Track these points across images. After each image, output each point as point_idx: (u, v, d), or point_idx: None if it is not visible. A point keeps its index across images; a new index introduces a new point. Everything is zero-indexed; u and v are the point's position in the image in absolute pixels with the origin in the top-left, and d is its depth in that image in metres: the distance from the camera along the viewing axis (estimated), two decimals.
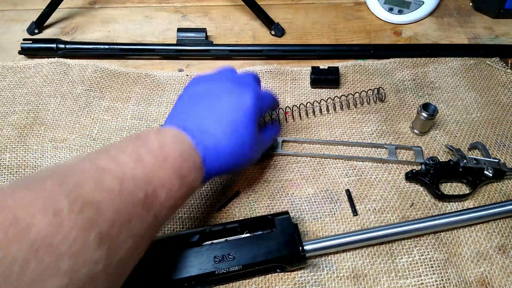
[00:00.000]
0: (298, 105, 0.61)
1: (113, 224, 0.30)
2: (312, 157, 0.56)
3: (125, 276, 0.33)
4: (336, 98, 0.62)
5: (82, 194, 0.29)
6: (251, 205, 0.51)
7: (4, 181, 0.53)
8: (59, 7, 0.74)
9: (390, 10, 0.77)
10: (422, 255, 0.47)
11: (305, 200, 0.52)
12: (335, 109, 0.62)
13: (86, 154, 0.35)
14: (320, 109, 0.62)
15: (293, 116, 0.61)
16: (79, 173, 0.31)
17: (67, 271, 0.26)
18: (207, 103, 0.44)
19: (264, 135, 0.51)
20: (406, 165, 0.55)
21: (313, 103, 0.61)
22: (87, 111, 0.61)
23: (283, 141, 0.57)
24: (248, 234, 0.45)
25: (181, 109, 0.45)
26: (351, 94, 0.62)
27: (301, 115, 0.61)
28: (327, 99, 0.62)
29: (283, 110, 0.61)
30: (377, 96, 0.63)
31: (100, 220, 0.29)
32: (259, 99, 0.46)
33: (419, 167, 0.54)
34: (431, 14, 0.78)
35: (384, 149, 0.57)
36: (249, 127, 0.44)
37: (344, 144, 0.58)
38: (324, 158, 0.56)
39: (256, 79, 0.50)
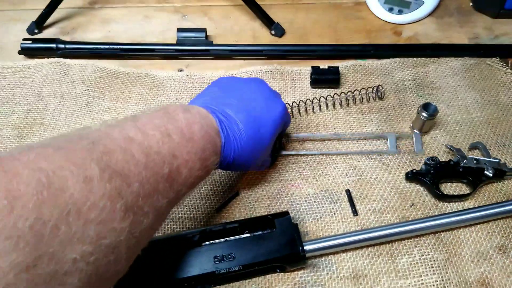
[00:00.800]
0: (297, 102, 0.61)
1: (138, 196, 0.30)
2: (313, 155, 0.56)
3: (140, 249, 0.33)
4: (335, 95, 0.62)
5: (111, 163, 0.30)
6: (251, 205, 0.51)
7: None
8: (59, 7, 0.74)
9: (390, 10, 0.77)
10: (422, 255, 0.47)
11: (305, 200, 0.52)
12: (334, 107, 0.62)
13: (115, 120, 0.35)
14: (320, 107, 0.62)
15: (292, 114, 0.61)
16: (109, 140, 0.31)
17: (93, 238, 0.26)
18: (240, 95, 0.45)
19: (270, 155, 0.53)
20: (406, 157, 0.55)
21: (313, 100, 0.61)
22: (87, 111, 0.61)
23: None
24: (248, 234, 0.45)
25: (212, 94, 0.46)
26: (350, 91, 0.62)
27: (301, 112, 0.61)
28: (327, 96, 0.62)
29: None
30: (376, 94, 0.63)
31: (127, 191, 0.30)
32: (286, 115, 0.49)
33: (419, 167, 0.54)
34: (431, 14, 0.78)
35: (384, 144, 0.57)
36: (271, 132, 0.45)
37: (344, 138, 0.58)
38: (325, 155, 0.56)
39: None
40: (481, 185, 0.52)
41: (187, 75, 0.67)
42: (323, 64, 0.66)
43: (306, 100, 0.61)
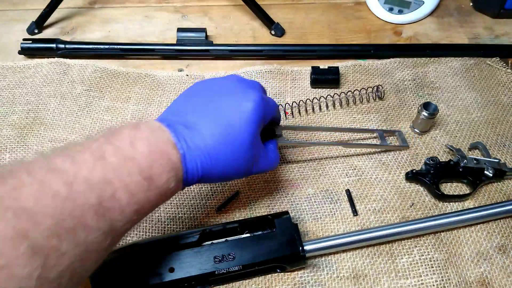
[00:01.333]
0: (297, 102, 0.61)
1: (52, 234, 0.27)
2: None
3: None
4: (335, 95, 0.62)
5: (20, 199, 0.26)
6: (251, 205, 0.51)
7: None
8: (59, 7, 0.74)
9: (390, 10, 0.77)
10: (422, 255, 0.47)
11: (305, 200, 0.52)
12: (334, 107, 0.62)
13: (52, 149, 0.32)
14: (320, 107, 0.62)
15: (292, 114, 0.61)
16: (25, 174, 0.28)
17: None
18: (204, 100, 0.41)
19: (271, 150, 0.46)
20: (406, 157, 0.55)
21: (313, 100, 0.61)
22: (87, 111, 0.61)
23: (282, 129, 0.51)
24: (248, 234, 0.45)
25: (175, 105, 0.42)
26: (350, 91, 0.62)
27: (301, 112, 0.61)
28: (327, 96, 0.62)
29: (282, 106, 0.61)
30: (376, 94, 0.63)
31: (35, 230, 0.26)
32: (263, 104, 0.41)
33: (419, 167, 0.54)
34: (431, 14, 0.78)
35: (376, 139, 0.58)
36: (247, 131, 0.39)
37: (335, 130, 0.59)
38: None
39: (262, 87, 0.46)
40: (481, 185, 0.52)
41: (187, 75, 0.67)
42: (323, 64, 0.66)
43: (306, 100, 0.61)
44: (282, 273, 0.45)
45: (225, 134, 0.38)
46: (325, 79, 0.64)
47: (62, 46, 0.68)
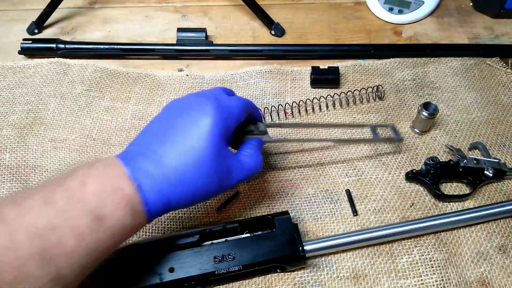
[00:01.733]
0: (297, 102, 0.61)
1: None
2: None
3: None
4: (335, 95, 0.62)
5: None
6: (251, 205, 0.51)
7: (4, 181, 0.53)
8: (59, 7, 0.74)
9: (390, 10, 0.77)
10: (422, 255, 0.47)
11: (305, 200, 0.52)
12: (334, 107, 0.62)
13: (6, 196, 0.31)
14: (320, 107, 0.62)
15: (292, 114, 0.61)
16: None
17: None
18: (165, 125, 0.39)
19: (246, 156, 0.43)
20: (406, 157, 0.55)
21: (313, 100, 0.61)
22: (87, 111, 0.61)
23: (267, 126, 0.48)
24: (248, 234, 0.45)
25: (140, 135, 0.40)
26: (350, 91, 0.62)
27: (301, 112, 0.61)
28: (327, 96, 0.62)
29: (282, 107, 0.61)
30: (376, 94, 0.63)
31: None
32: (222, 112, 0.39)
33: (419, 167, 0.54)
34: (431, 14, 0.78)
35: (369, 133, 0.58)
36: (208, 148, 0.37)
37: (326, 126, 0.60)
38: (306, 142, 0.58)
39: (225, 90, 0.44)
40: (481, 185, 0.52)
41: (187, 75, 0.67)
42: (323, 64, 0.66)
43: (306, 100, 0.61)
44: (282, 273, 0.45)
45: (185, 156, 0.37)
46: (325, 79, 0.64)
47: (62, 46, 0.68)
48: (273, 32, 0.75)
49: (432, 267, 0.46)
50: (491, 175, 0.52)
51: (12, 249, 0.27)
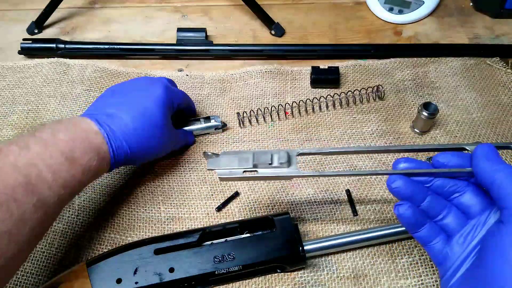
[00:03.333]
0: (297, 102, 0.61)
1: None
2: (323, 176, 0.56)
3: (12, 256, 0.34)
4: (335, 95, 0.62)
5: None
6: (251, 205, 0.51)
7: None
8: (59, 7, 0.74)
9: (390, 10, 0.77)
10: (422, 255, 0.46)
11: (305, 200, 0.52)
12: (334, 107, 0.62)
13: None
14: (320, 107, 0.62)
15: (292, 114, 0.61)
16: None
17: None
18: (119, 96, 0.49)
19: (180, 132, 0.56)
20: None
21: (313, 100, 0.61)
22: None
23: (299, 154, 0.42)
24: (248, 234, 0.45)
25: (93, 105, 0.49)
26: (350, 91, 0.62)
27: (301, 112, 0.61)
28: (327, 96, 0.62)
29: (282, 106, 0.61)
30: (376, 94, 0.63)
31: None
32: (169, 91, 0.51)
33: None
34: (431, 14, 0.78)
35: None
36: (158, 113, 0.48)
37: (353, 152, 0.47)
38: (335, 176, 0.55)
39: (169, 81, 0.55)
40: None
41: (187, 75, 0.67)
42: (323, 64, 0.66)
43: (306, 100, 0.61)
44: (282, 273, 0.45)
45: (142, 117, 0.46)
46: (325, 79, 0.64)
47: (62, 46, 0.68)
48: (273, 32, 0.75)
49: (432, 267, 0.46)
50: None
51: (1, 180, 0.34)
